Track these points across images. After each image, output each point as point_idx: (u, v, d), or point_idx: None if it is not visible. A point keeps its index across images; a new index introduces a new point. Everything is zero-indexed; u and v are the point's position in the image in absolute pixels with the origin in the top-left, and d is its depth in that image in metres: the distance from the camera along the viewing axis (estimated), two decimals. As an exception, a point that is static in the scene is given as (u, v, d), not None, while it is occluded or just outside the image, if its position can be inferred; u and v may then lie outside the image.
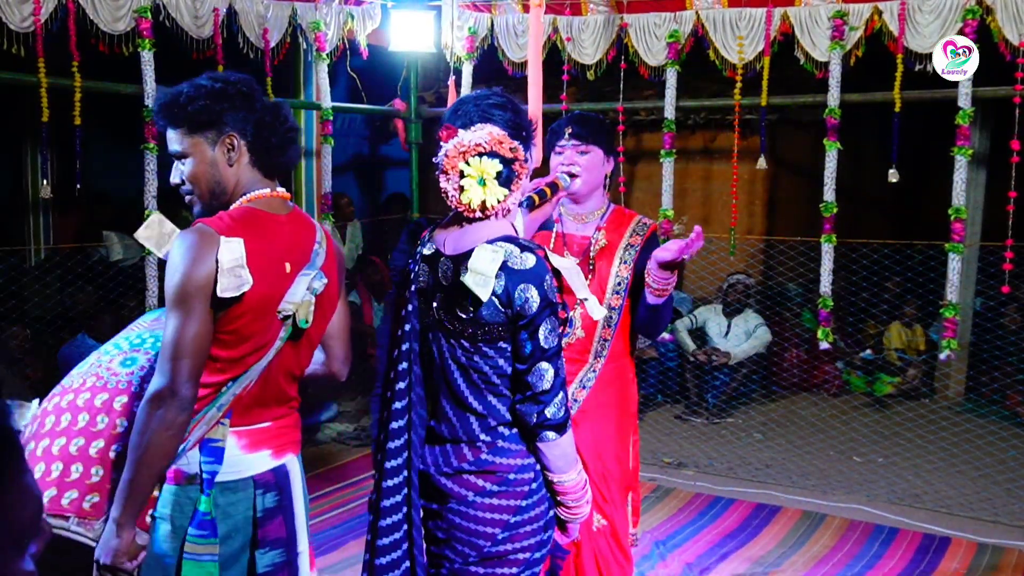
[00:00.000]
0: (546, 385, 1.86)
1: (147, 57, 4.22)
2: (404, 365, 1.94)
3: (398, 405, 1.94)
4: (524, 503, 1.92)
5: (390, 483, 1.93)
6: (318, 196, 5.67)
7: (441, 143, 1.89)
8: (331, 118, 5.38)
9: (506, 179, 1.87)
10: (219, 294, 1.74)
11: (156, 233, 1.97)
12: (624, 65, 5.06)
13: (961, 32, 4.20)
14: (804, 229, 5.86)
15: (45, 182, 4.18)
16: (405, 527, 1.94)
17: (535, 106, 3.01)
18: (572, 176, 2.65)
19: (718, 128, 6.74)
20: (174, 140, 1.90)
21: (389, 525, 1.94)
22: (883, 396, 6.25)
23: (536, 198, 2.40)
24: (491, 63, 5.63)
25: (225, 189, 1.90)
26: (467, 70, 5.57)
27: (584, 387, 2.69)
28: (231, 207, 1.89)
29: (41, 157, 4.38)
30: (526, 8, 5.38)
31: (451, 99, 4.55)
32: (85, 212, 6.26)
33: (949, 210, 4.34)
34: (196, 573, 1.83)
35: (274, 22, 4.88)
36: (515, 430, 1.93)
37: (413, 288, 1.96)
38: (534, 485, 1.94)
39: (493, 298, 1.82)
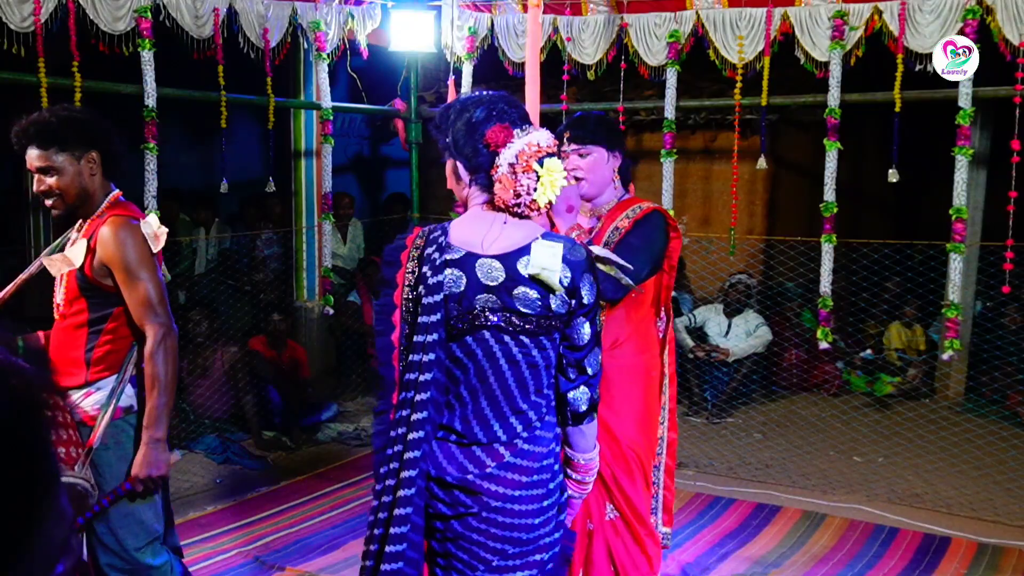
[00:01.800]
0: (596, 368, 1.98)
1: (147, 57, 4.22)
2: (428, 375, 1.89)
3: (419, 415, 1.89)
4: (551, 486, 1.98)
5: (406, 492, 1.88)
6: (318, 196, 5.66)
7: (493, 142, 1.89)
8: (331, 118, 5.38)
9: None
10: (152, 252, 2.45)
11: (60, 260, 2.49)
12: (624, 65, 5.06)
13: (961, 32, 4.20)
14: (804, 229, 5.86)
15: (45, 182, 4.19)
16: (412, 536, 1.90)
17: (533, 107, 3.01)
18: (577, 180, 2.66)
19: (718, 128, 6.74)
20: (42, 158, 2.40)
21: (399, 534, 1.88)
22: (883, 396, 6.24)
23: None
24: (491, 63, 5.63)
25: (91, 195, 2.49)
26: (467, 70, 5.57)
27: None
28: (101, 206, 2.49)
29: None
30: (526, 8, 5.38)
31: (450, 99, 4.53)
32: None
33: (950, 210, 4.34)
34: None
35: (274, 22, 4.88)
36: (546, 419, 1.97)
37: (439, 296, 1.90)
38: (556, 467, 2.00)
39: (561, 289, 1.88)
